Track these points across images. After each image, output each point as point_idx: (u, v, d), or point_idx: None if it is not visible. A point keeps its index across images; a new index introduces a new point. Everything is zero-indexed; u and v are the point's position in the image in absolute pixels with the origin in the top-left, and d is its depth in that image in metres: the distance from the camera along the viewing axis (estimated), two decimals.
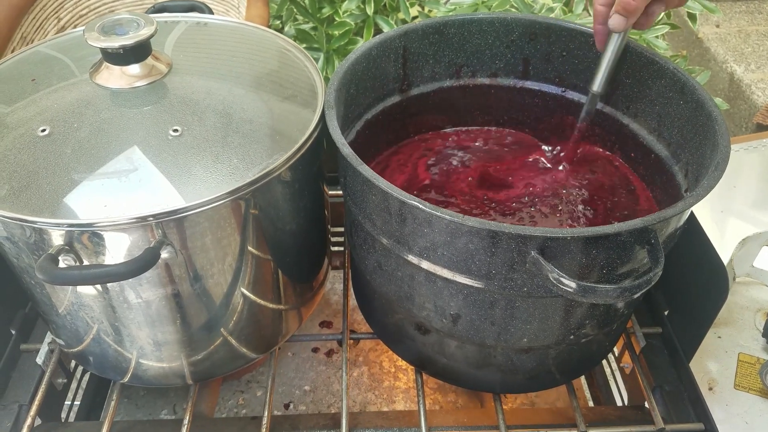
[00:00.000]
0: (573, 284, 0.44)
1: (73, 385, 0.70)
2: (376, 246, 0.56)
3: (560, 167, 0.68)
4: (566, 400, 0.63)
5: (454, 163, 0.69)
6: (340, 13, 1.29)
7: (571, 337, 0.55)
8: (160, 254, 0.47)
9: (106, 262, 0.48)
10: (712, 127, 0.53)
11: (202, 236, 0.50)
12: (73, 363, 0.69)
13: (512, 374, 0.59)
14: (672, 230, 0.50)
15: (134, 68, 0.54)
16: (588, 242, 0.46)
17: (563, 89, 0.69)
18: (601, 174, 0.67)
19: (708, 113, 0.55)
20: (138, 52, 0.54)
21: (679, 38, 2.15)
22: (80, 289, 0.52)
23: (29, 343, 0.67)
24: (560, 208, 0.64)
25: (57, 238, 0.47)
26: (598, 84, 0.63)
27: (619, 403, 0.75)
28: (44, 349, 0.65)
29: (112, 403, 0.63)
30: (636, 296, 0.45)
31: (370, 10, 1.28)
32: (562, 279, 0.44)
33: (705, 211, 1.14)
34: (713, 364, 0.76)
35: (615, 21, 0.57)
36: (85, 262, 0.48)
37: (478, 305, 0.52)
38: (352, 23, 1.27)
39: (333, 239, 0.81)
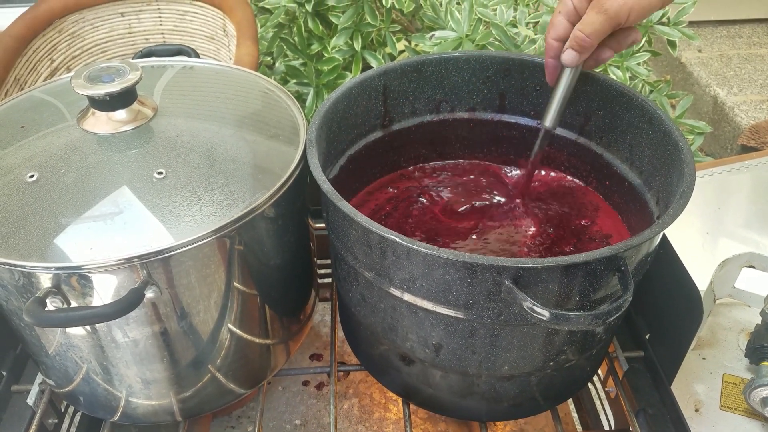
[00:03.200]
0: (546, 312, 0.46)
1: (65, 425, 0.71)
2: (359, 279, 0.57)
3: (515, 201, 0.70)
4: (554, 428, 0.64)
5: (435, 195, 0.71)
6: (329, 49, 1.32)
7: (552, 363, 0.56)
8: (144, 294, 0.48)
9: (93, 303, 0.50)
10: (678, 156, 0.55)
11: (187, 275, 0.51)
12: (64, 403, 0.70)
13: (496, 402, 0.60)
14: (642, 257, 0.52)
15: (120, 114, 0.56)
16: (559, 271, 0.47)
17: (538, 122, 0.71)
18: (572, 204, 0.70)
19: (674, 143, 0.57)
20: (124, 98, 0.56)
21: (662, 64, 2.19)
22: (69, 330, 0.53)
23: (20, 384, 0.67)
24: (538, 238, 0.65)
25: (45, 280, 0.48)
26: (550, 120, 0.63)
27: (606, 427, 0.75)
28: (35, 389, 0.66)
29: None
30: (608, 322, 0.46)
31: (357, 46, 1.31)
32: (535, 308, 0.46)
33: (691, 233, 1.16)
34: (698, 386, 0.77)
35: (568, 56, 0.59)
36: (73, 304, 0.49)
37: (459, 335, 0.53)
38: (341, 59, 1.31)
39: (321, 271, 0.83)
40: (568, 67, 0.60)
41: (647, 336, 0.70)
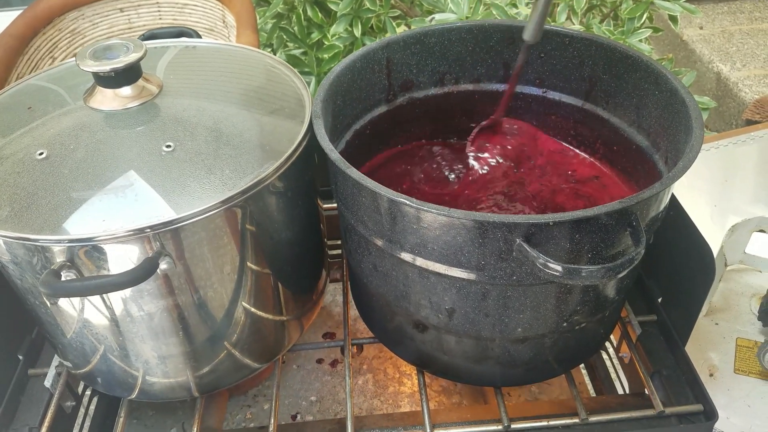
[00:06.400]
0: (559, 267, 0.45)
1: (82, 411, 0.71)
2: (370, 248, 0.57)
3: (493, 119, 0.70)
4: (569, 395, 0.64)
5: (442, 166, 0.71)
6: (329, 36, 1.32)
7: (565, 324, 0.56)
8: (158, 263, 0.49)
9: None
10: (685, 113, 0.55)
11: (199, 246, 0.51)
12: (81, 386, 0.70)
13: (511, 366, 0.60)
14: (654, 213, 0.52)
15: (126, 90, 0.56)
16: (570, 226, 0.47)
17: (544, 90, 0.71)
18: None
19: (681, 100, 0.56)
20: (129, 75, 0.56)
21: (664, 42, 2.18)
22: (85, 306, 0.53)
23: (37, 368, 0.68)
24: (546, 202, 0.66)
25: (59, 254, 0.48)
26: (529, 32, 0.63)
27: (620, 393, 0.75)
28: (52, 372, 0.66)
29: (121, 420, 0.64)
30: (621, 275, 0.46)
31: (357, 33, 1.31)
32: (548, 263, 0.46)
33: (699, 206, 1.16)
34: (712, 351, 0.77)
35: None
36: None
37: (471, 298, 0.53)
38: (341, 46, 1.30)
39: (332, 252, 0.83)
40: None
41: (659, 300, 0.70)
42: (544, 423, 0.60)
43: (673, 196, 0.62)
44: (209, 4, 1.22)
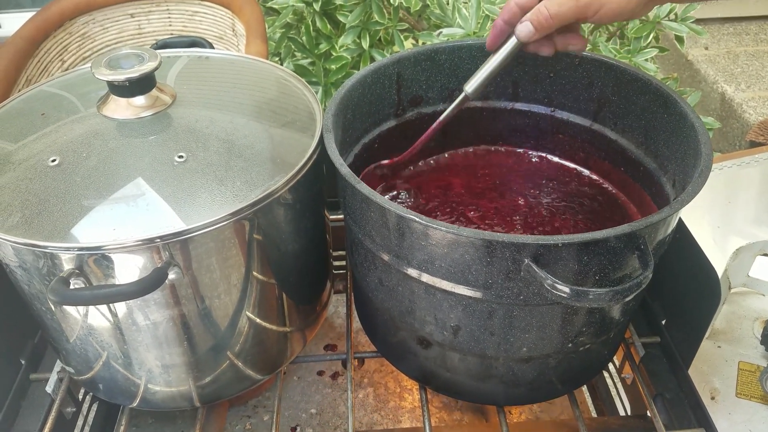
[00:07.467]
0: (567, 289, 0.46)
1: (83, 416, 0.71)
2: (377, 262, 0.57)
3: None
4: (570, 414, 0.64)
5: (449, 182, 0.71)
6: (337, 48, 1.33)
7: (570, 345, 0.56)
8: (167, 274, 0.49)
9: None
10: (694, 137, 0.55)
11: (208, 257, 0.52)
12: (81, 393, 0.70)
13: (514, 385, 0.60)
14: (661, 236, 0.52)
15: (140, 100, 0.57)
16: (579, 248, 0.47)
17: (552, 109, 0.72)
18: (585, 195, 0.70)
19: (690, 124, 0.57)
20: (143, 85, 0.56)
21: (669, 61, 2.19)
22: (90, 314, 0.53)
23: (39, 373, 0.68)
24: (555, 219, 0.66)
25: (68, 262, 0.49)
26: (472, 86, 0.61)
27: (622, 414, 0.75)
28: (53, 378, 0.66)
29: (121, 428, 0.64)
30: (628, 299, 0.46)
31: (365, 44, 1.32)
32: (556, 284, 0.46)
33: (702, 227, 1.16)
34: (714, 374, 0.77)
35: (523, 29, 0.55)
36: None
37: (477, 316, 0.54)
38: (349, 57, 1.31)
39: (335, 263, 0.83)
40: (518, 39, 0.57)
41: (663, 322, 0.70)
42: None
43: (679, 219, 0.62)
44: (219, 12, 1.23)
